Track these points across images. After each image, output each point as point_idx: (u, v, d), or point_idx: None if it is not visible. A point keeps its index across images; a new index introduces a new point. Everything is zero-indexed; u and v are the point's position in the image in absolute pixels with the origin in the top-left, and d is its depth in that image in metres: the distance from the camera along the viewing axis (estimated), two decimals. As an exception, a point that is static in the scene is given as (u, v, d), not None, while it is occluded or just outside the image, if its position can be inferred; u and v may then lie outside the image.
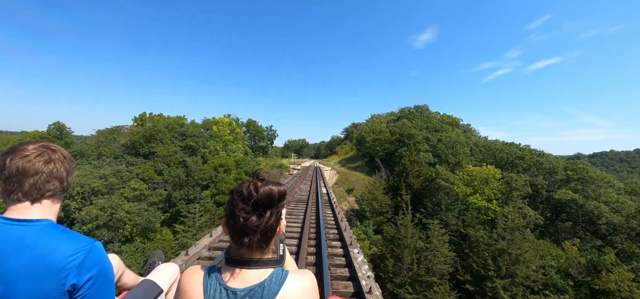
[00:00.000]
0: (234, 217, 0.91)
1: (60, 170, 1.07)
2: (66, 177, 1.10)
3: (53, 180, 1.04)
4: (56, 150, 1.08)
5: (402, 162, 33.10)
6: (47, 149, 1.06)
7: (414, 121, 46.17)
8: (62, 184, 1.09)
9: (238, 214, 0.90)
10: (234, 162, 29.63)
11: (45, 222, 1.00)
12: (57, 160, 1.06)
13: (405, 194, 30.27)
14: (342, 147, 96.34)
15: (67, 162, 1.11)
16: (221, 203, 26.56)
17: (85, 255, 0.98)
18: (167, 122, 39.67)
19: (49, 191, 1.04)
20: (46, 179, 1.02)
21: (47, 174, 1.02)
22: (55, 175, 1.05)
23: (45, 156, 1.03)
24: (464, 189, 28.09)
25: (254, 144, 70.75)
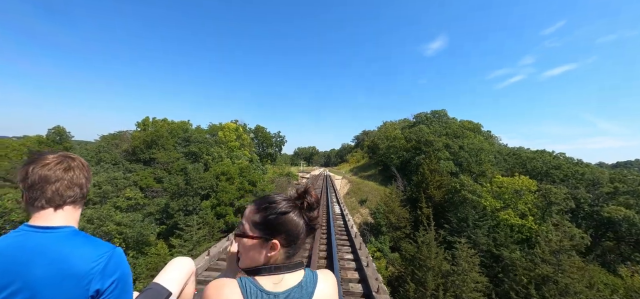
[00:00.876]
0: (294, 224, 0.98)
1: (80, 177, 1.12)
2: (85, 184, 1.15)
3: (73, 187, 1.09)
4: (75, 158, 1.15)
5: (421, 171, 30.36)
6: (67, 158, 1.12)
7: (431, 126, 43.31)
8: (82, 190, 1.13)
9: (298, 220, 0.99)
10: (237, 170, 27.65)
11: (68, 229, 1.04)
12: (76, 167, 1.11)
13: (425, 207, 27.46)
14: (353, 155, 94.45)
15: (86, 170, 1.16)
16: (222, 215, 24.50)
17: (107, 260, 1.02)
18: (171, 127, 38.36)
19: (70, 198, 1.08)
20: (67, 185, 1.07)
21: (67, 181, 1.07)
22: (75, 182, 1.09)
23: (64, 163, 1.08)
24: (493, 203, 25.10)
25: (261, 151, 69.07)
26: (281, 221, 0.97)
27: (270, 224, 0.97)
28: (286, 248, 0.98)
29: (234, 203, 25.41)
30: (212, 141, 41.74)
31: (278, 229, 0.97)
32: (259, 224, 0.98)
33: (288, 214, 0.97)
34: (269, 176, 42.98)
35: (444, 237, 23.21)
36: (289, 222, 0.97)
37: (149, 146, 33.32)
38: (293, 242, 0.98)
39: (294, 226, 0.98)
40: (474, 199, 25.58)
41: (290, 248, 0.99)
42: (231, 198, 25.32)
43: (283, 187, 36.87)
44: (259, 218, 0.99)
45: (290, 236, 0.98)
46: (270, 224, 0.97)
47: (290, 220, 0.97)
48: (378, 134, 56.42)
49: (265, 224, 0.97)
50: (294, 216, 0.98)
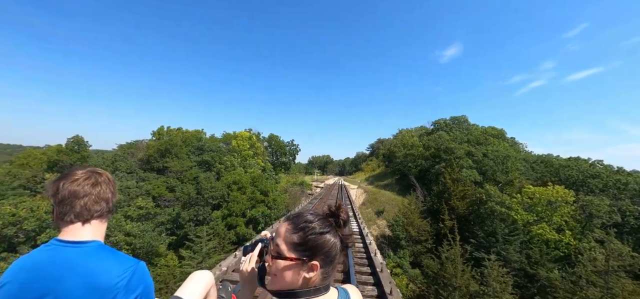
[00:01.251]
0: (332, 244, 0.95)
1: (106, 192, 1.17)
2: (111, 199, 1.20)
3: (100, 201, 1.14)
4: (102, 174, 1.19)
5: (442, 180, 28.56)
6: (94, 173, 1.17)
7: (451, 133, 41.29)
8: (108, 204, 1.18)
9: (335, 240, 0.96)
10: (249, 179, 26.96)
11: (95, 244, 1.09)
12: (103, 182, 1.16)
13: (448, 219, 25.62)
14: (368, 164, 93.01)
15: (112, 184, 1.21)
16: (233, 226, 23.74)
17: (131, 275, 1.06)
18: (185, 136, 38.51)
19: (97, 212, 1.13)
20: (94, 200, 1.12)
21: (95, 195, 1.12)
22: (102, 196, 1.14)
23: (92, 179, 1.13)
24: (524, 216, 23.01)
25: (275, 160, 68.71)
26: (320, 242, 0.94)
27: (309, 246, 0.93)
28: (323, 269, 0.95)
29: (246, 213, 24.63)
30: (225, 150, 41.60)
31: (317, 250, 0.93)
32: (298, 246, 0.94)
33: (326, 235, 0.95)
34: (282, 185, 42.18)
35: (471, 253, 21.31)
36: (327, 242, 0.94)
37: (162, 154, 33.38)
38: (330, 263, 0.95)
39: (331, 246, 0.95)
40: (502, 211, 23.57)
41: (327, 269, 0.95)
42: (242, 208, 24.56)
43: (296, 197, 35.91)
44: (297, 239, 0.95)
45: (328, 257, 0.95)
46: (309, 246, 0.93)
47: (328, 240, 0.95)
48: (394, 142, 54.68)
49: (305, 245, 0.93)
50: (331, 236, 0.96)
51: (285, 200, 31.09)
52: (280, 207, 26.27)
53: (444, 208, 26.19)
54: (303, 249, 0.93)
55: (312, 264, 0.91)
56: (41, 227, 20.02)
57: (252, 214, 23.74)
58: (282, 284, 0.94)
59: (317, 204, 19.98)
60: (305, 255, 0.92)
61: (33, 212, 21.36)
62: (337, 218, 0.99)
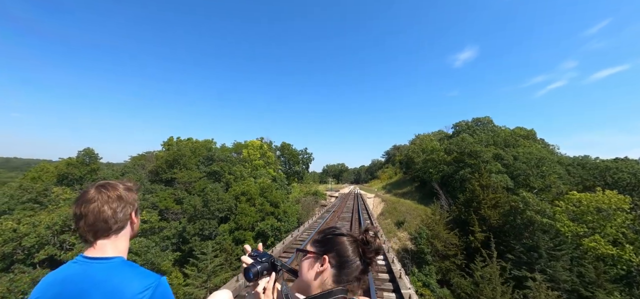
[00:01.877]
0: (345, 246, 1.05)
1: (120, 207, 1.17)
2: (129, 212, 1.21)
3: (115, 217, 1.14)
4: (116, 188, 1.19)
5: (469, 187, 25.87)
6: (107, 190, 1.16)
7: (475, 135, 38.31)
8: (126, 218, 1.19)
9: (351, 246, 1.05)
10: (258, 190, 25.35)
11: (118, 260, 1.11)
12: (116, 199, 1.16)
13: (478, 231, 22.94)
14: (384, 171, 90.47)
15: (130, 195, 1.22)
16: (241, 240, 22.07)
17: (153, 291, 1.06)
18: (195, 146, 37.65)
19: (115, 227, 1.14)
20: (110, 216, 1.13)
21: (111, 212, 1.13)
22: (118, 211, 1.15)
23: (104, 196, 1.14)
24: (570, 227, 20.02)
25: (288, 169, 67.23)
26: (334, 240, 1.06)
27: (324, 241, 1.08)
28: (335, 270, 1.01)
29: (255, 227, 22.95)
30: (235, 160, 40.45)
31: (330, 247, 1.05)
32: (317, 241, 1.10)
33: (341, 236, 1.07)
34: (295, 196, 40.43)
35: (509, 270, 18.57)
36: (340, 242, 1.05)
37: (170, 165, 32.49)
38: (342, 266, 1.01)
39: (344, 248, 1.04)
40: (544, 221, 20.67)
41: (339, 273, 1.01)
42: (251, 221, 22.92)
43: (309, 207, 33.99)
44: (318, 236, 1.12)
45: (340, 257, 1.02)
46: (324, 241, 1.08)
47: (342, 241, 1.05)
48: (412, 147, 51.98)
49: (321, 241, 1.09)
50: (346, 240, 1.05)
51: (298, 211, 29.26)
52: (291, 219, 24.43)
53: (474, 219, 23.52)
54: (320, 244, 1.08)
55: (323, 258, 1.02)
56: (40, 243, 19.09)
57: (261, 228, 22.01)
58: (301, 279, 1.04)
59: (330, 219, 17.96)
60: (320, 250, 1.06)
61: (35, 227, 20.54)
62: (363, 235, 1.07)
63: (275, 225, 22.81)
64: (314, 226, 15.04)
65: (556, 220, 20.76)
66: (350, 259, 1.02)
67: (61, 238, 19.51)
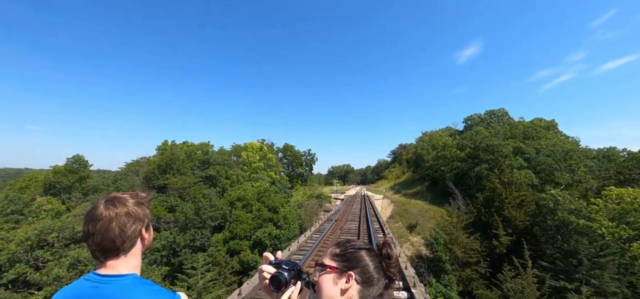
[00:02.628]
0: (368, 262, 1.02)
1: (130, 223, 1.10)
2: (140, 229, 1.14)
3: (125, 235, 1.07)
4: (124, 203, 1.11)
5: (489, 185, 23.42)
6: (113, 205, 1.08)
7: (491, 128, 35.73)
8: (136, 236, 1.12)
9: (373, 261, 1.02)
10: (255, 195, 23.26)
11: (131, 277, 1.05)
12: (124, 215, 1.09)
13: (503, 234, 20.48)
14: (390, 171, 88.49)
15: (140, 210, 1.15)
16: (236, 251, 20.03)
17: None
18: (190, 149, 35.80)
19: (123, 246, 1.08)
20: (118, 235, 1.06)
21: (119, 229, 1.06)
22: (126, 230, 1.08)
23: (111, 212, 1.07)
24: (609, 228, 17.48)
25: (291, 171, 65.18)
26: (358, 256, 1.01)
27: (348, 256, 1.02)
28: (361, 287, 0.98)
29: (251, 236, 20.86)
30: (234, 163, 38.52)
31: (354, 263, 1.00)
32: (338, 256, 1.03)
33: (364, 251, 1.03)
34: (297, 199, 38.30)
35: (542, 279, 16.12)
36: (364, 258, 1.01)
37: (163, 171, 30.62)
38: (367, 283, 0.98)
39: (368, 264, 1.00)
40: (580, 223, 18.16)
41: (365, 290, 0.98)
42: (247, 230, 20.83)
43: (313, 211, 31.83)
44: (338, 250, 1.05)
45: (365, 274, 0.99)
46: (348, 256, 1.02)
47: (364, 256, 1.01)
48: (421, 144, 49.51)
49: (344, 256, 1.02)
50: (368, 256, 1.02)
51: (300, 216, 27.11)
52: (292, 226, 22.28)
53: (497, 221, 21.09)
54: (341, 259, 1.02)
55: (348, 274, 0.97)
56: (12, 261, 17.26)
57: (258, 236, 19.88)
58: (323, 295, 0.98)
59: (333, 226, 15.74)
60: (343, 265, 1.00)
61: (8, 243, 18.75)
62: (381, 249, 1.05)
63: (273, 233, 20.68)
64: (313, 238, 12.85)
65: (593, 220, 18.22)
66: (375, 276, 0.99)
67: (34, 254, 17.65)
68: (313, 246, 11.16)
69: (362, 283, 0.98)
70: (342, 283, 0.97)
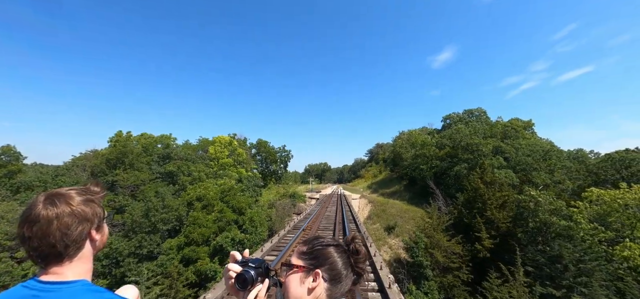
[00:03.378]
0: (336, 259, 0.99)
1: (74, 224, 0.92)
2: (88, 230, 0.96)
3: (68, 239, 0.91)
4: (68, 201, 0.93)
5: (471, 185, 22.55)
6: (55, 206, 0.90)
7: (470, 126, 35.45)
8: (83, 239, 0.95)
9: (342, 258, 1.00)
10: (218, 193, 20.67)
11: (79, 284, 0.91)
12: (67, 215, 0.91)
13: (486, 238, 19.56)
14: (367, 170, 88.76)
15: (88, 208, 0.97)
16: (192, 260, 17.41)
17: None
18: (148, 142, 32.12)
19: (67, 251, 0.91)
20: (59, 239, 0.89)
21: (61, 233, 0.90)
22: (69, 233, 0.91)
23: (51, 212, 0.89)
24: (587, 229, 17.04)
25: (264, 169, 62.32)
26: (325, 252, 0.99)
27: (315, 254, 0.99)
28: (329, 285, 0.96)
29: (211, 241, 18.32)
30: (199, 158, 35.30)
31: (322, 260, 0.97)
32: (305, 254, 1.00)
33: (331, 247, 1.00)
34: (269, 198, 35.91)
35: (530, 286, 15.19)
36: (331, 255, 0.98)
37: (113, 165, 26.99)
38: (335, 280, 0.96)
39: (335, 261, 0.98)
40: (561, 224, 17.59)
41: (333, 287, 0.96)
42: (207, 234, 18.26)
43: (285, 211, 29.65)
44: (305, 248, 1.02)
45: (333, 271, 0.96)
46: (315, 254, 0.99)
47: (332, 253, 0.99)
48: (400, 143, 48.90)
49: (311, 253, 1.00)
50: (336, 252, 0.99)
51: (270, 218, 24.85)
52: (260, 229, 20.00)
53: (479, 222, 20.16)
54: (309, 258, 0.99)
55: (315, 272, 0.94)
56: None
57: (219, 242, 17.39)
58: (290, 295, 0.94)
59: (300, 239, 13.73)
60: (310, 263, 0.97)
61: None
62: (349, 245, 1.02)
63: (237, 237, 18.26)
64: (280, 246, 10.73)
65: (575, 222, 17.72)
66: (343, 273, 0.97)
67: None
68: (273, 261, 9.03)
69: (330, 281, 0.95)
70: (309, 282, 0.94)
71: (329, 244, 1.01)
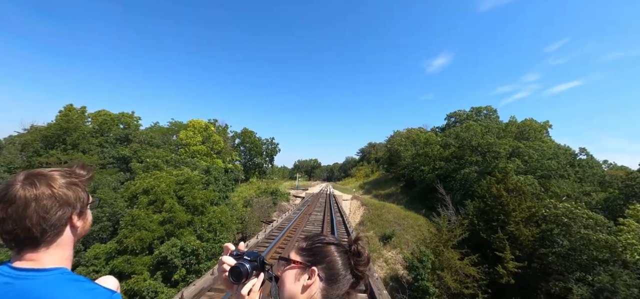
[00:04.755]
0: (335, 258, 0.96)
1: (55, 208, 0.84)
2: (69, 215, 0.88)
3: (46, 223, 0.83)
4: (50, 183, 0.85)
5: (489, 192, 18.88)
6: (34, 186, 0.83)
7: (481, 124, 31.91)
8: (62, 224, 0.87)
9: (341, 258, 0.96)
10: (172, 185, 16.33)
11: (57, 273, 0.85)
12: (46, 197, 0.83)
13: (510, 258, 15.82)
14: (358, 169, 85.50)
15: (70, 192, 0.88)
16: (124, 275, 13.06)
17: None
18: (103, 119, 27.34)
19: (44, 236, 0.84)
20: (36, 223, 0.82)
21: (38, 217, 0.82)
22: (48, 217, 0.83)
23: (30, 193, 0.81)
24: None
25: (248, 161, 57.78)
26: (325, 250, 0.97)
27: (314, 250, 0.97)
28: (325, 284, 0.93)
29: (154, 248, 14.01)
30: (166, 143, 30.69)
31: (320, 258, 0.95)
32: (304, 250, 0.98)
33: (332, 246, 0.97)
34: (248, 195, 31.66)
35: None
36: (331, 253, 0.96)
37: (51, 145, 22.24)
38: (332, 280, 0.93)
39: (334, 260, 0.95)
40: (607, 243, 14.08)
41: (329, 287, 0.93)
42: (148, 240, 13.95)
43: (263, 211, 25.49)
44: (305, 244, 1.00)
45: (331, 270, 0.94)
46: (314, 250, 0.97)
47: (332, 252, 0.96)
48: (397, 140, 45.26)
49: (310, 250, 0.97)
50: (337, 251, 0.97)
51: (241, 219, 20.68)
52: (223, 235, 15.80)
53: (502, 239, 16.41)
54: (307, 254, 0.97)
55: (311, 270, 0.92)
56: None
57: (164, 252, 13.07)
58: (284, 291, 0.93)
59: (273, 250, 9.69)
60: (308, 260, 0.95)
61: None
62: (351, 245, 0.98)
63: (190, 246, 13.94)
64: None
65: (623, 244, 14.21)
66: (341, 273, 0.94)
67: None
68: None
69: (327, 280, 0.92)
70: (305, 279, 0.92)
71: (330, 243, 0.98)
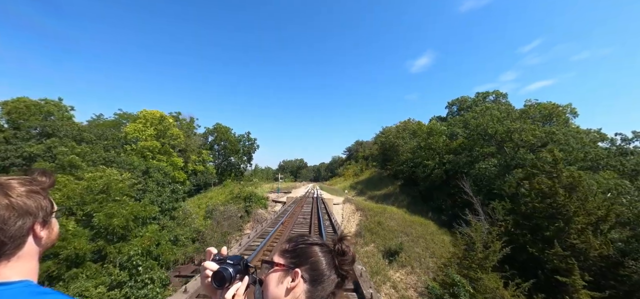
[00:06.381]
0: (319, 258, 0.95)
1: (13, 219, 0.80)
2: (29, 226, 0.84)
3: (4, 235, 0.79)
4: (7, 192, 0.80)
5: (533, 189, 14.42)
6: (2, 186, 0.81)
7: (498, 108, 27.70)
8: (23, 235, 0.83)
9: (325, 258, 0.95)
10: (74, 196, 10.68)
11: (21, 285, 0.81)
12: (3, 207, 0.78)
13: (581, 286, 11.21)
14: (347, 168, 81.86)
15: (31, 201, 0.84)
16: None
17: None
18: (9, 108, 21.06)
19: (5, 247, 0.80)
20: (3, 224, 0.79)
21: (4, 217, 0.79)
22: (6, 228, 0.79)
23: None
24: None
25: (222, 162, 51.73)
26: (308, 251, 0.96)
27: (297, 252, 0.96)
28: (309, 285, 0.92)
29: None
30: (109, 138, 24.61)
31: (303, 259, 0.94)
32: (287, 251, 0.98)
33: (315, 246, 0.97)
34: (217, 200, 26.01)
35: None
36: (314, 253, 0.95)
37: None
38: (317, 281, 0.93)
39: (318, 261, 0.94)
40: None
41: (313, 288, 0.92)
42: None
43: (232, 225, 20.14)
44: (288, 246, 0.99)
45: (315, 271, 0.93)
46: (297, 252, 0.96)
47: (316, 252, 0.96)
48: (395, 132, 40.77)
49: (294, 252, 0.97)
50: (320, 251, 0.96)
51: (196, 238, 15.29)
52: (154, 271, 10.37)
53: (564, 257, 11.80)
54: (290, 256, 0.95)
55: (295, 272, 0.90)
56: None
57: None
58: (268, 295, 0.92)
59: None
60: (291, 262, 0.94)
61: None
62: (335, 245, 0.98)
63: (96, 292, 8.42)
64: None
65: None
66: (325, 273, 0.93)
67: None
68: None
69: (311, 281, 0.92)
70: (288, 282, 0.91)
71: (314, 243, 0.97)
